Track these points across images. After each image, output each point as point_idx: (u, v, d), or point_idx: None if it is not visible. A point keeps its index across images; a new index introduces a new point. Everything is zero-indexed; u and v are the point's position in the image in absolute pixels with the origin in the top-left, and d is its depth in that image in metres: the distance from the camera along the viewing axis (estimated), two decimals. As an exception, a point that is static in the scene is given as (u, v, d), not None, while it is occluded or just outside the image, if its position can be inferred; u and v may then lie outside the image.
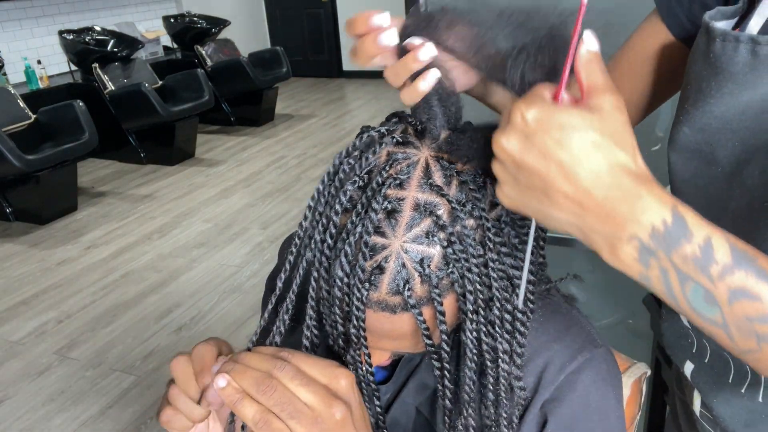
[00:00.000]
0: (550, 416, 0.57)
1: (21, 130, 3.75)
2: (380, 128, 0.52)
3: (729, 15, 0.55)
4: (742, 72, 0.51)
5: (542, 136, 0.38)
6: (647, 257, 0.38)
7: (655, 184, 0.38)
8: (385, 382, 0.65)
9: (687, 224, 0.37)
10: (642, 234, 0.37)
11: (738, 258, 0.37)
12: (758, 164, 0.51)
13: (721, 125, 0.54)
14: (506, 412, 0.55)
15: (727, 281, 0.37)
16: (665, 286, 0.39)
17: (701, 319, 0.39)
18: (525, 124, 0.39)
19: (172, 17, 5.62)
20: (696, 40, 0.56)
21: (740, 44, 0.50)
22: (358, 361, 0.54)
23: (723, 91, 0.52)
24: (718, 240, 0.37)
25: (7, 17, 4.92)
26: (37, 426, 2.12)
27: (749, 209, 0.52)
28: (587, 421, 0.57)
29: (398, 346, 0.54)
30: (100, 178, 4.60)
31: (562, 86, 0.41)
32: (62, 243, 3.52)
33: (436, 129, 0.51)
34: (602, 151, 0.37)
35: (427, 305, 0.50)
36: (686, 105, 0.57)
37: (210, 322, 2.64)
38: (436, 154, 0.51)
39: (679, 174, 0.60)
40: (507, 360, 0.52)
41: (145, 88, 4.36)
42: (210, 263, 3.16)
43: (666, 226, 0.37)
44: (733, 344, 0.39)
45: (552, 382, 0.58)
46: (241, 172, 4.53)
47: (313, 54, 7.88)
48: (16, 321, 2.76)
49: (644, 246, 0.38)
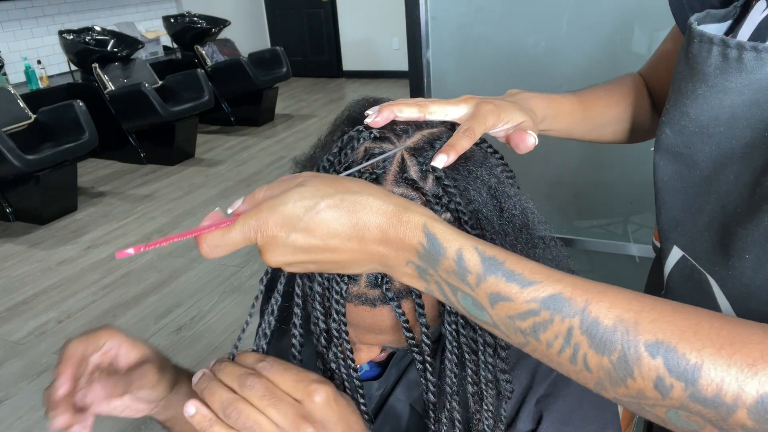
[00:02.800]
0: (546, 412, 0.57)
1: (21, 130, 3.75)
2: (359, 128, 0.53)
3: (719, 18, 0.55)
4: (713, 74, 0.51)
5: (290, 236, 0.41)
6: (424, 275, 0.42)
7: (405, 210, 0.42)
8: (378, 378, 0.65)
9: (439, 241, 0.41)
10: (412, 257, 0.41)
11: (487, 264, 0.40)
12: (733, 169, 0.52)
13: (697, 128, 0.54)
14: (491, 405, 0.55)
15: (483, 287, 0.40)
16: (444, 296, 0.43)
17: (479, 322, 0.42)
18: (270, 237, 0.41)
19: (172, 17, 5.61)
20: (683, 40, 0.57)
21: (713, 46, 0.50)
22: (340, 358, 0.54)
23: (697, 93, 0.53)
24: (468, 250, 0.40)
25: (7, 17, 4.92)
26: (37, 426, 2.12)
27: (723, 213, 0.52)
28: (583, 416, 0.57)
29: (383, 341, 0.54)
30: (100, 178, 4.60)
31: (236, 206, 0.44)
32: (62, 243, 3.52)
33: None
34: (336, 210, 0.41)
35: (407, 298, 0.50)
36: (668, 105, 0.58)
37: (210, 322, 2.64)
38: (412, 150, 0.51)
39: (661, 175, 0.60)
40: (491, 353, 0.53)
41: (145, 88, 4.36)
42: (210, 263, 3.16)
43: (423, 246, 0.41)
44: (510, 340, 0.42)
45: (546, 378, 0.58)
46: (241, 172, 4.53)
47: (313, 54, 7.89)
48: (16, 321, 2.76)
49: (418, 266, 0.42)
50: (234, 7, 7.16)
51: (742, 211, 0.50)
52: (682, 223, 0.58)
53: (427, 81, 1.64)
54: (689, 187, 0.57)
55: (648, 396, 0.36)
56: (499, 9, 1.57)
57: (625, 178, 1.60)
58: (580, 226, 1.76)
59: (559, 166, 1.68)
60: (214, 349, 2.45)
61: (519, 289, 0.39)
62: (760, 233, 0.46)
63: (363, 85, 7.26)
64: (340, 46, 7.70)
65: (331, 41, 7.70)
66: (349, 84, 7.47)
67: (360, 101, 0.57)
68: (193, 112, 4.70)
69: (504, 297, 0.39)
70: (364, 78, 7.58)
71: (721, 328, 0.35)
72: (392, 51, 7.32)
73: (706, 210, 0.55)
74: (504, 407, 0.56)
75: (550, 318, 0.38)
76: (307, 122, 5.82)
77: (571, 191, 1.73)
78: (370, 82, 7.34)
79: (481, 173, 0.51)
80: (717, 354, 0.34)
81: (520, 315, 0.39)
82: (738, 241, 0.49)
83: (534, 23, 1.54)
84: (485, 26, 1.60)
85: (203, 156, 5.00)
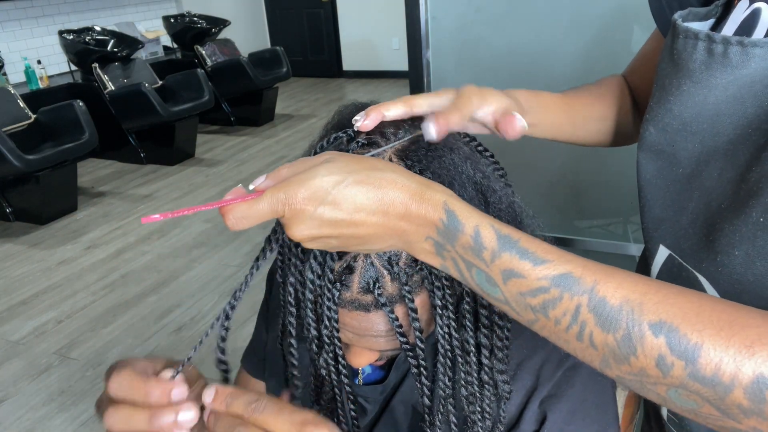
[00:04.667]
0: (549, 412, 0.57)
1: (21, 130, 3.75)
2: (348, 129, 0.53)
3: (701, 16, 0.55)
4: (699, 70, 0.51)
5: (317, 209, 0.41)
6: (441, 251, 0.43)
7: (426, 188, 0.43)
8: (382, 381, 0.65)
9: (458, 217, 0.42)
10: (431, 233, 0.43)
11: (502, 241, 0.41)
12: (716, 166, 0.52)
13: (680, 125, 0.54)
14: (489, 406, 0.55)
15: (497, 263, 0.41)
16: (458, 273, 0.44)
17: (491, 299, 0.44)
18: (297, 210, 0.42)
19: (172, 17, 5.62)
20: (666, 38, 0.57)
21: (698, 41, 0.50)
22: (331, 365, 0.54)
23: (681, 89, 0.53)
24: (485, 227, 0.42)
25: (7, 17, 4.92)
26: (37, 426, 2.12)
27: (707, 210, 0.53)
28: (585, 416, 0.57)
29: (381, 345, 0.54)
30: (100, 178, 4.60)
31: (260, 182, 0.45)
32: (62, 243, 3.52)
33: None
34: (363, 186, 0.42)
35: (400, 303, 0.51)
36: (651, 102, 0.58)
37: (210, 322, 2.64)
38: (399, 153, 0.51)
39: (643, 173, 0.61)
40: (487, 354, 0.53)
41: (145, 88, 4.36)
42: (210, 263, 3.17)
43: (443, 222, 0.42)
44: (520, 318, 0.43)
45: (550, 379, 0.58)
46: (241, 172, 4.53)
47: (313, 54, 7.89)
48: (16, 321, 2.76)
49: (436, 242, 0.43)
50: (234, 7, 7.16)
51: (727, 208, 0.50)
52: (665, 221, 0.59)
53: (427, 81, 1.64)
54: (671, 184, 0.58)
55: (650, 374, 0.37)
56: (499, 9, 1.57)
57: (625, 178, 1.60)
58: (580, 226, 1.76)
59: (559, 166, 1.68)
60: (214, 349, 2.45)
61: (531, 267, 0.40)
62: (748, 229, 0.46)
63: (363, 85, 7.26)
64: (340, 46, 7.70)
65: (331, 41, 7.70)
66: (349, 84, 7.47)
67: (348, 106, 0.58)
68: (193, 112, 4.70)
69: (516, 274, 0.41)
70: (364, 78, 7.58)
71: (722, 311, 0.37)
72: (392, 51, 7.32)
73: (689, 207, 0.55)
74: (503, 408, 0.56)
75: (559, 295, 0.40)
76: (307, 122, 5.82)
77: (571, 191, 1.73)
78: (370, 82, 7.34)
79: (466, 168, 0.52)
80: (716, 335, 0.35)
81: (531, 292, 0.40)
82: (724, 237, 0.49)
83: (534, 23, 1.54)
84: (485, 26, 1.60)
85: (203, 156, 5.00)
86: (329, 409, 0.61)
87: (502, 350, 0.54)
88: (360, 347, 0.55)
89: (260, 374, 0.82)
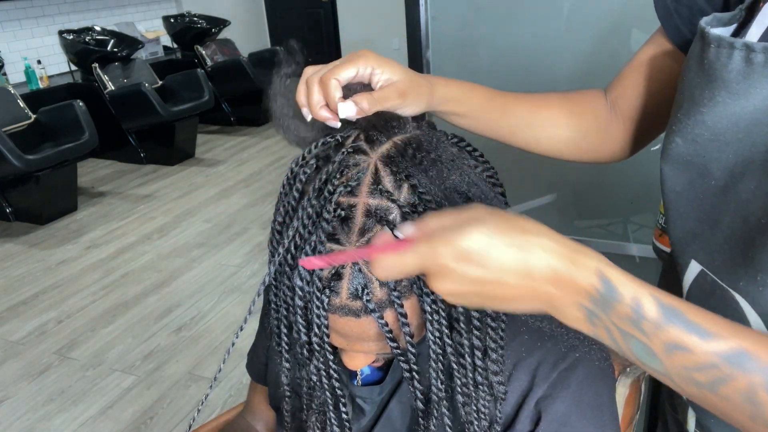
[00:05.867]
0: (544, 413, 0.57)
1: (21, 130, 3.75)
2: (335, 135, 0.54)
3: (725, 21, 0.54)
4: (735, 80, 0.49)
5: (463, 267, 0.41)
6: (593, 318, 0.42)
7: (578, 253, 0.42)
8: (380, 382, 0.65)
9: (614, 286, 0.40)
10: (583, 300, 0.41)
11: (666, 313, 0.40)
12: (753, 178, 0.50)
13: (713, 136, 0.53)
14: (485, 408, 0.55)
15: (660, 336, 0.40)
16: (613, 341, 0.42)
17: (649, 369, 0.42)
18: (443, 266, 0.41)
19: (172, 17, 5.61)
20: (691, 46, 0.55)
21: (734, 51, 0.49)
22: (322, 370, 0.54)
23: (716, 100, 0.51)
24: (645, 297, 0.40)
25: (7, 17, 4.91)
26: (37, 426, 2.12)
27: (745, 224, 0.51)
28: (581, 417, 0.57)
29: (374, 349, 0.54)
30: (100, 178, 4.60)
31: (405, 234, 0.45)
32: (62, 243, 3.52)
33: None
34: (512, 248, 0.41)
35: (389, 308, 0.51)
36: (679, 114, 0.56)
37: (210, 322, 2.64)
38: (385, 160, 0.51)
39: (671, 186, 0.59)
40: (480, 356, 0.53)
41: (145, 88, 4.36)
42: (210, 263, 3.17)
43: (598, 291, 0.40)
44: (682, 391, 0.41)
45: (545, 379, 0.58)
46: (241, 172, 4.53)
47: (313, 54, 7.88)
48: (16, 321, 2.76)
49: (589, 310, 0.41)
50: (234, 7, 7.15)
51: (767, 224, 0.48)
52: (699, 236, 0.57)
53: (427, 81, 1.63)
54: (704, 197, 0.56)
55: None
56: (499, 9, 1.57)
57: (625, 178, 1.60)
58: (580, 226, 1.76)
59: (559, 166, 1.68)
60: (214, 349, 2.45)
61: (699, 341, 0.39)
62: None
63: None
64: (340, 46, 7.70)
65: (331, 41, 7.69)
66: (349, 84, 7.47)
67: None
68: (193, 112, 4.70)
69: (682, 347, 0.39)
70: (364, 78, 7.58)
71: None
72: (392, 51, 7.31)
73: (725, 221, 0.54)
74: (499, 408, 0.56)
75: (730, 373, 0.38)
76: (307, 122, 5.82)
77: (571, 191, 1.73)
78: (370, 82, 7.34)
79: (453, 178, 0.52)
80: None
81: (698, 367, 0.39)
82: (766, 254, 0.48)
83: (534, 23, 1.54)
84: (485, 26, 1.60)
85: (203, 156, 5.00)
86: (322, 412, 0.61)
87: (496, 351, 0.54)
88: (353, 351, 0.55)
89: (262, 379, 0.82)
